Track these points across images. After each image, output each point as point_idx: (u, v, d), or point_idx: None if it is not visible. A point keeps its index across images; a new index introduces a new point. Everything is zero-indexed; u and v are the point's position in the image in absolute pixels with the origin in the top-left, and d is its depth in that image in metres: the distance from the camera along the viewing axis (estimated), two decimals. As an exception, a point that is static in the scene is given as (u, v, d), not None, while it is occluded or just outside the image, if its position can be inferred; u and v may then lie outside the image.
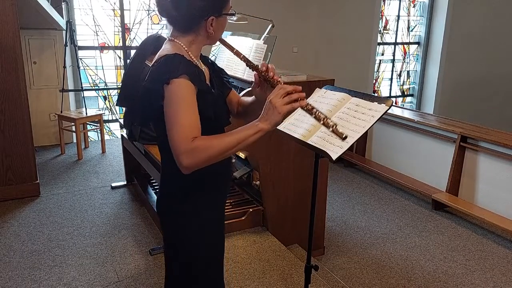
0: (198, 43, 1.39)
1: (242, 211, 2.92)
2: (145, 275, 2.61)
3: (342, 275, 2.97)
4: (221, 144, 1.25)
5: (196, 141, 1.23)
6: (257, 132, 1.29)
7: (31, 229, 3.21)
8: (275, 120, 1.28)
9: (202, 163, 1.24)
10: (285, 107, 1.28)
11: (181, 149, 1.22)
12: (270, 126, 1.29)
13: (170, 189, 1.50)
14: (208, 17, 1.33)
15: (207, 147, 1.23)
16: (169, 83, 1.24)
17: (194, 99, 1.27)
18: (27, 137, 3.63)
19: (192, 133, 1.23)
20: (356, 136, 1.62)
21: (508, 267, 3.13)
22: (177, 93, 1.24)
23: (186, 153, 1.22)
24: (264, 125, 1.28)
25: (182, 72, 1.25)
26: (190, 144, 1.21)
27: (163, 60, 1.29)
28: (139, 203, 3.68)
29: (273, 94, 1.30)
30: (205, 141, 1.24)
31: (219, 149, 1.24)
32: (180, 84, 1.24)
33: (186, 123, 1.23)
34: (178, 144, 1.22)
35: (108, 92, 5.81)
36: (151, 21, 5.78)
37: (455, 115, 6.03)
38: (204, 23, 1.34)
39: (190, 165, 1.23)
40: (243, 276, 2.46)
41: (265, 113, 1.29)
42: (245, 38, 2.97)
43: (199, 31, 1.36)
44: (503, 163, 3.61)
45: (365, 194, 4.35)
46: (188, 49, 1.37)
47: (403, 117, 4.54)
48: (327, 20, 6.40)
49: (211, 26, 1.35)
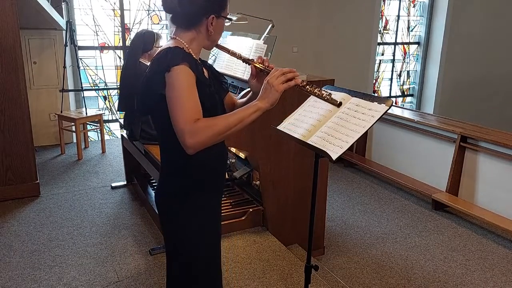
0: (199, 41, 1.47)
1: (242, 211, 2.92)
2: (145, 275, 2.61)
3: (342, 275, 2.97)
4: (223, 122, 1.32)
5: (198, 122, 1.29)
6: (257, 111, 1.38)
7: (31, 229, 3.21)
8: (273, 98, 1.38)
9: (205, 142, 1.30)
10: (282, 85, 1.39)
11: (185, 130, 1.28)
12: (269, 105, 1.38)
13: (170, 188, 1.52)
14: (209, 15, 1.42)
15: (210, 125, 1.30)
16: (170, 71, 1.31)
17: (194, 86, 1.34)
18: (27, 137, 3.63)
19: (195, 115, 1.30)
20: (356, 136, 1.62)
21: (508, 267, 3.13)
22: (179, 79, 1.31)
23: (189, 133, 1.27)
24: (263, 103, 1.38)
25: (183, 61, 1.33)
26: (193, 125, 1.28)
27: (164, 51, 1.36)
28: (139, 203, 3.68)
29: (270, 75, 1.41)
30: (207, 121, 1.31)
31: (221, 127, 1.31)
32: (181, 71, 1.31)
33: (189, 106, 1.30)
34: (182, 126, 1.28)
35: (108, 92, 5.81)
36: (151, 21, 5.78)
37: (455, 115, 6.03)
38: (205, 21, 1.43)
39: (194, 144, 1.29)
40: (243, 276, 2.46)
41: (263, 93, 1.39)
42: (245, 38, 2.97)
43: (200, 28, 1.44)
44: (503, 163, 3.61)
45: (365, 194, 4.35)
46: (189, 46, 1.44)
47: (403, 117, 4.54)
48: (327, 20, 6.40)
49: (211, 25, 1.44)
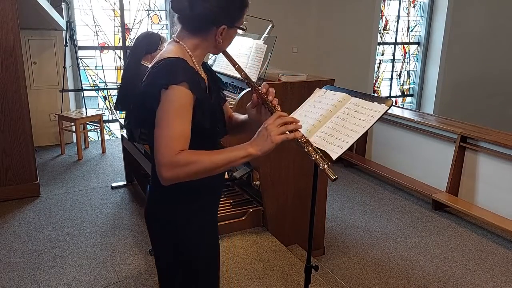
0: (203, 49, 1.34)
1: (242, 211, 2.92)
2: (145, 275, 2.61)
3: (342, 275, 2.97)
4: (207, 161, 1.19)
5: (180, 154, 1.17)
6: (246, 156, 1.24)
7: (31, 229, 3.21)
8: (266, 148, 1.24)
9: (182, 178, 1.18)
10: (279, 137, 1.26)
11: (164, 160, 1.16)
12: (260, 153, 1.24)
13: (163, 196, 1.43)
14: (221, 25, 1.28)
15: (192, 162, 1.17)
16: (167, 89, 1.18)
17: (189, 110, 1.22)
18: (27, 137, 3.63)
19: (179, 145, 1.17)
20: (356, 136, 1.62)
21: (508, 267, 3.13)
22: (173, 101, 1.18)
23: (167, 165, 1.16)
24: (254, 150, 1.24)
25: (183, 79, 1.19)
26: (174, 157, 1.16)
27: (164, 63, 1.23)
28: (139, 203, 3.68)
29: (271, 120, 1.26)
30: (190, 156, 1.18)
31: (204, 166, 1.18)
32: (178, 92, 1.19)
33: (175, 134, 1.17)
34: (161, 154, 1.17)
35: (108, 92, 5.81)
36: (151, 21, 5.78)
37: (455, 115, 6.03)
38: (215, 30, 1.29)
39: (169, 177, 1.17)
40: (243, 276, 2.46)
41: (258, 138, 1.25)
42: (245, 38, 2.97)
43: (208, 36, 1.31)
44: (503, 163, 3.61)
45: (365, 194, 4.35)
46: (192, 53, 1.31)
47: (403, 117, 4.54)
48: (327, 20, 6.40)
49: (221, 35, 1.30)
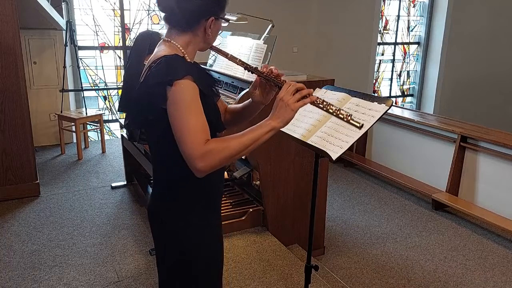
0: (194, 45, 1.36)
1: (242, 211, 2.92)
2: (145, 275, 2.61)
3: (342, 275, 2.97)
4: (236, 144, 1.23)
5: (209, 143, 1.20)
6: (270, 131, 1.28)
7: (31, 229, 3.21)
8: (288, 117, 1.28)
9: (217, 166, 1.22)
10: (297, 104, 1.28)
11: (195, 154, 1.18)
12: (282, 124, 1.28)
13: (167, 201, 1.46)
14: (209, 17, 1.31)
15: (222, 148, 1.21)
16: (173, 85, 1.19)
17: (199, 101, 1.23)
18: (27, 137, 3.63)
19: (204, 136, 1.20)
20: (356, 136, 1.62)
21: (508, 267, 3.13)
22: (183, 96, 1.20)
23: (201, 157, 1.18)
24: (276, 123, 1.28)
25: (185, 73, 1.21)
26: (204, 148, 1.19)
27: (163, 60, 1.24)
28: (139, 203, 3.68)
29: (283, 92, 1.29)
30: (218, 143, 1.21)
31: (234, 149, 1.22)
32: (185, 86, 1.20)
33: (197, 127, 1.20)
34: (191, 149, 1.19)
35: (108, 92, 5.81)
36: (151, 21, 5.78)
37: (455, 115, 6.03)
38: (204, 23, 1.32)
39: (205, 168, 1.20)
40: (243, 276, 2.46)
41: (277, 111, 1.28)
42: (245, 38, 2.97)
43: (197, 31, 1.33)
44: (503, 163, 3.61)
45: (365, 194, 4.35)
46: (184, 51, 1.33)
47: (403, 117, 4.54)
48: (327, 20, 6.40)
49: (210, 28, 1.33)
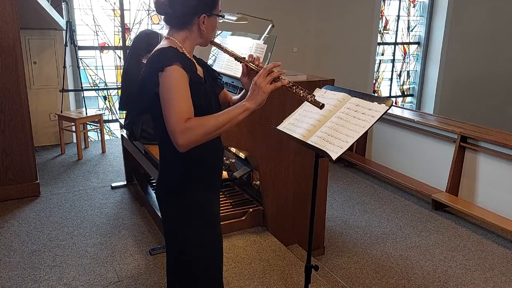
0: (191, 40, 1.50)
1: (242, 211, 2.92)
2: (145, 275, 2.61)
3: (342, 275, 2.97)
4: (212, 122, 1.36)
5: (189, 121, 1.33)
6: (244, 111, 1.40)
7: (31, 229, 3.21)
8: (260, 99, 1.41)
9: (196, 141, 1.35)
10: (269, 86, 1.41)
11: (176, 129, 1.32)
12: (256, 105, 1.41)
13: (169, 183, 1.56)
14: (200, 15, 1.45)
15: (200, 125, 1.34)
16: (164, 71, 1.35)
17: (187, 85, 1.38)
18: (27, 137, 3.63)
19: (186, 114, 1.34)
20: (356, 136, 1.62)
21: (508, 267, 3.13)
22: (171, 79, 1.35)
23: (180, 132, 1.32)
24: (250, 104, 1.41)
25: (175, 61, 1.36)
26: (184, 124, 1.32)
27: (158, 51, 1.41)
28: (139, 203, 3.68)
29: (257, 75, 1.43)
30: (197, 120, 1.35)
31: (211, 126, 1.35)
32: (173, 71, 1.35)
33: (180, 106, 1.34)
34: (173, 125, 1.33)
35: (108, 92, 5.81)
36: (151, 21, 5.78)
37: (455, 115, 6.03)
38: (197, 20, 1.46)
39: (184, 142, 1.33)
40: (243, 276, 2.46)
41: (250, 94, 1.42)
42: (245, 38, 2.97)
43: (192, 28, 1.48)
44: (503, 163, 3.61)
45: (365, 194, 4.35)
46: (182, 45, 1.48)
47: (403, 117, 4.54)
48: (327, 20, 6.39)
49: (203, 24, 1.47)
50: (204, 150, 1.45)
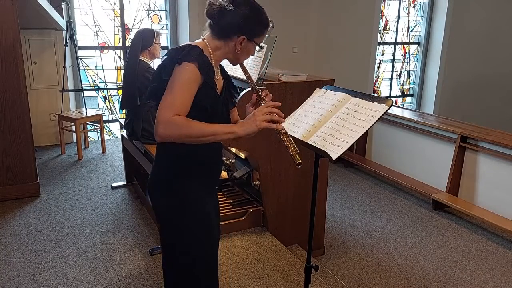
0: (223, 53, 1.54)
1: (242, 211, 2.92)
2: (145, 275, 2.61)
3: (342, 275, 2.97)
4: (197, 128, 1.36)
5: (177, 117, 1.34)
6: (230, 133, 1.40)
7: (31, 229, 3.21)
8: (250, 130, 1.41)
9: (173, 138, 1.35)
10: (264, 124, 1.42)
11: (162, 118, 1.33)
12: (243, 134, 1.41)
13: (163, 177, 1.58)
14: (241, 35, 1.49)
15: (184, 125, 1.34)
16: (180, 64, 1.38)
17: (194, 87, 1.40)
18: (27, 137, 3.63)
19: (176, 110, 1.35)
20: (356, 136, 1.62)
21: (508, 267, 3.13)
22: (182, 74, 1.37)
23: (163, 123, 1.33)
24: (239, 130, 1.40)
25: (195, 60, 1.39)
26: (170, 117, 1.33)
27: (184, 45, 1.44)
28: (139, 203, 3.68)
29: (260, 108, 1.46)
30: (184, 120, 1.35)
31: (194, 132, 1.35)
32: (188, 68, 1.38)
33: (176, 101, 1.35)
34: (162, 114, 1.34)
35: (108, 92, 5.81)
36: (151, 21, 5.78)
37: (455, 115, 6.04)
38: (236, 39, 1.49)
39: (163, 134, 1.34)
40: (243, 276, 2.46)
41: (245, 121, 1.43)
42: (245, 38, 2.97)
43: (229, 43, 1.51)
44: (503, 163, 3.61)
45: (365, 194, 4.35)
46: (212, 52, 1.51)
47: (403, 117, 4.54)
48: (327, 20, 6.40)
49: (240, 45, 1.51)
50: (200, 149, 1.46)
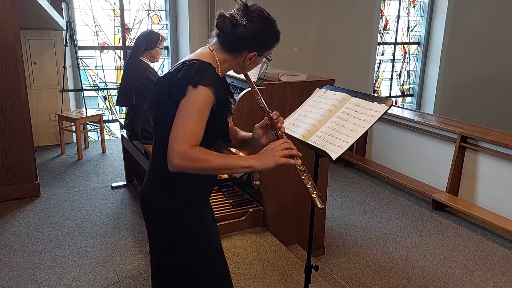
0: (231, 65, 1.48)
1: (242, 211, 2.92)
2: (145, 275, 2.61)
3: (342, 275, 2.97)
4: (215, 162, 1.31)
5: (195, 148, 1.28)
6: (248, 167, 1.37)
7: (31, 229, 3.21)
8: (268, 165, 1.39)
9: (189, 170, 1.30)
10: (282, 159, 1.40)
11: (178, 149, 1.27)
12: (261, 168, 1.38)
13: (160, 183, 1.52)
14: (253, 51, 1.43)
15: (202, 159, 1.29)
16: (196, 87, 1.30)
17: (208, 111, 1.34)
18: (27, 137, 3.63)
19: (194, 140, 1.29)
20: (356, 136, 1.62)
21: (508, 267, 3.13)
22: (198, 101, 1.30)
23: (180, 154, 1.26)
24: (257, 164, 1.37)
25: (211, 83, 1.32)
26: (188, 149, 1.27)
27: (198, 63, 1.35)
28: (139, 203, 3.68)
29: (279, 142, 1.43)
30: (202, 153, 1.29)
31: (211, 165, 1.30)
32: (204, 93, 1.31)
33: (193, 130, 1.29)
34: (177, 143, 1.27)
35: (108, 92, 5.81)
36: (151, 21, 5.78)
37: (455, 115, 6.03)
38: (246, 54, 1.44)
39: (178, 166, 1.28)
40: (243, 276, 2.46)
41: (263, 155, 1.40)
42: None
43: (238, 57, 1.45)
44: (503, 163, 3.61)
45: (365, 194, 4.35)
46: (220, 66, 1.44)
47: (403, 117, 4.54)
48: (327, 20, 6.39)
49: (250, 60, 1.45)
50: None
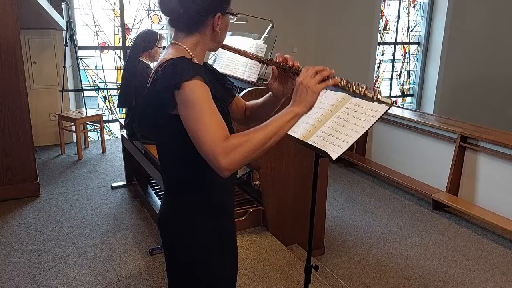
0: (203, 45, 1.30)
1: (242, 211, 2.92)
2: (145, 275, 2.61)
3: (342, 275, 2.97)
4: (258, 135, 1.14)
5: (230, 139, 1.11)
6: (294, 117, 1.20)
7: (31, 229, 3.21)
8: (311, 101, 1.21)
9: (241, 161, 1.12)
10: (320, 86, 1.22)
11: (217, 151, 1.09)
12: (306, 109, 1.21)
13: (180, 211, 1.33)
14: (215, 13, 1.25)
15: (244, 141, 1.11)
16: (181, 88, 1.13)
17: (212, 99, 1.17)
18: (27, 137, 3.63)
19: (223, 132, 1.13)
20: (356, 136, 1.62)
21: (508, 266, 3.13)
22: (194, 96, 1.13)
23: (223, 154, 1.09)
24: (299, 108, 1.20)
25: (194, 74, 1.15)
26: (225, 144, 1.10)
27: (170, 63, 1.17)
28: (139, 203, 3.68)
29: (302, 75, 1.24)
30: (240, 137, 1.12)
31: (256, 142, 1.13)
32: (195, 86, 1.14)
33: (213, 124, 1.12)
34: (211, 148, 1.10)
35: (108, 92, 5.81)
36: (151, 21, 5.78)
37: (455, 115, 6.02)
38: (211, 20, 1.26)
39: (229, 165, 1.11)
40: (243, 276, 2.46)
41: (298, 96, 1.21)
42: (245, 38, 2.97)
43: (205, 30, 1.27)
44: (503, 163, 3.61)
45: (365, 194, 4.35)
46: (193, 53, 1.27)
47: (403, 117, 4.53)
48: (327, 20, 6.40)
49: (218, 25, 1.27)
50: (214, 174, 1.16)
